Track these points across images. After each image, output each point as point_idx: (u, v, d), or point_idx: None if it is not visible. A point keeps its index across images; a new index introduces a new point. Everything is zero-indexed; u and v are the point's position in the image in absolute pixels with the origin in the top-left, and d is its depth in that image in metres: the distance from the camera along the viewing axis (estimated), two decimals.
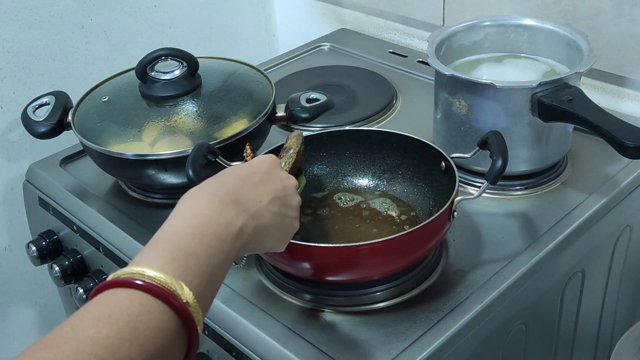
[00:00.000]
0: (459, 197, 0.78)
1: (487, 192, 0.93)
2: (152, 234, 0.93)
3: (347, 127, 1.10)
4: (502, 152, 0.77)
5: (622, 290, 1.08)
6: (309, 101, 1.01)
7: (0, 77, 1.20)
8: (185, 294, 0.50)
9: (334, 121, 1.12)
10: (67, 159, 1.13)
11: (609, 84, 1.12)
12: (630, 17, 1.05)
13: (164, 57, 0.99)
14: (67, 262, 1.05)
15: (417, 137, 0.90)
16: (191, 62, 0.99)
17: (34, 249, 1.08)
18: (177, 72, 0.98)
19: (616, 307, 1.10)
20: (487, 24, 1.05)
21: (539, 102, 0.88)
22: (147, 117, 0.97)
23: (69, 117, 1.01)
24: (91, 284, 0.99)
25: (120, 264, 0.95)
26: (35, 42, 1.23)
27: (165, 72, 0.98)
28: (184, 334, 0.51)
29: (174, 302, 0.49)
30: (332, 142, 0.94)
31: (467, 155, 0.86)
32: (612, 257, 1.01)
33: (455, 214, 0.79)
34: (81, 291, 0.99)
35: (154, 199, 1.01)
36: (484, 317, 0.78)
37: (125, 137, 0.95)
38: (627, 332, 0.88)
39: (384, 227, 0.88)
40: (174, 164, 0.92)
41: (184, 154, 0.90)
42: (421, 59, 1.31)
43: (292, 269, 0.80)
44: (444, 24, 1.31)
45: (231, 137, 0.93)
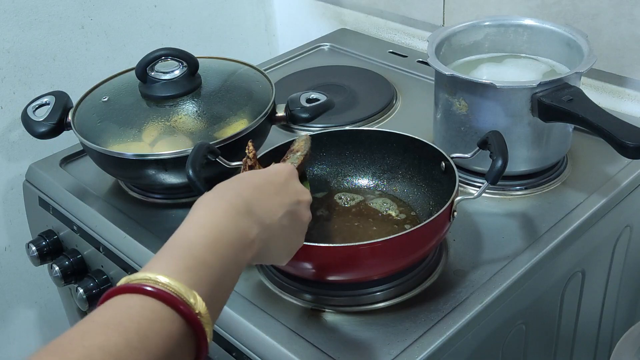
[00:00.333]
0: (459, 197, 0.78)
1: (487, 192, 0.92)
2: (152, 234, 0.94)
3: (347, 127, 1.10)
4: (502, 152, 0.77)
5: (622, 290, 1.08)
6: (309, 101, 1.01)
7: (0, 77, 1.20)
8: (198, 305, 0.50)
9: (334, 121, 1.12)
10: (67, 159, 1.13)
11: (609, 84, 1.12)
12: (630, 17, 1.05)
13: (164, 57, 0.99)
14: (67, 262, 1.05)
15: (417, 137, 0.90)
16: (191, 62, 0.99)
17: (34, 249, 1.08)
18: (177, 72, 0.98)
19: (616, 307, 1.10)
20: (487, 24, 1.05)
21: (539, 102, 0.88)
22: (147, 117, 0.97)
23: (69, 117, 1.01)
24: (91, 284, 0.99)
25: (120, 264, 0.95)
26: (35, 42, 1.23)
27: (165, 72, 0.98)
28: (193, 344, 0.50)
29: (186, 311, 0.49)
30: (332, 142, 0.94)
31: (467, 155, 0.86)
32: (612, 257, 1.01)
33: (455, 214, 0.79)
34: (81, 291, 0.99)
35: (154, 199, 1.01)
36: (484, 317, 0.78)
37: (125, 137, 0.95)
38: (627, 332, 0.88)
39: (383, 227, 0.88)
40: (174, 164, 0.92)
41: (184, 154, 0.90)
42: (421, 59, 1.31)
43: (292, 269, 0.80)
44: (444, 24, 1.31)
45: (231, 137, 0.93)
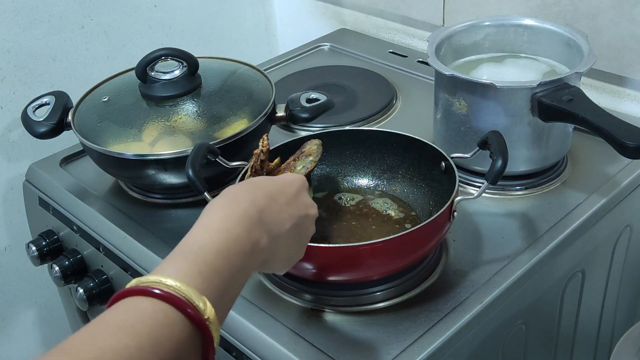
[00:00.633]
0: (459, 197, 0.78)
1: (487, 192, 0.92)
2: (152, 234, 0.94)
3: (347, 127, 1.10)
4: (502, 152, 0.77)
5: (622, 290, 1.08)
6: (309, 101, 1.01)
7: (0, 77, 1.20)
8: (207, 310, 0.50)
9: (334, 121, 1.12)
10: (67, 159, 1.13)
11: (609, 84, 1.12)
12: (630, 17, 1.05)
13: (164, 57, 0.99)
14: (67, 262, 1.05)
15: (417, 137, 0.90)
16: (191, 62, 0.99)
17: (34, 249, 1.08)
18: (177, 72, 0.98)
19: (616, 307, 1.10)
20: (487, 24, 1.05)
21: (539, 102, 0.88)
22: (147, 117, 0.97)
23: (69, 117, 1.01)
24: (91, 284, 0.99)
25: (120, 264, 0.95)
26: (35, 42, 1.23)
27: (165, 72, 0.98)
28: (200, 349, 0.50)
29: (196, 317, 0.49)
30: (332, 142, 0.94)
31: (467, 155, 0.86)
32: (612, 257, 1.01)
33: (455, 214, 0.79)
34: (81, 291, 0.99)
35: (154, 199, 1.01)
36: (484, 317, 0.78)
37: (125, 137, 0.95)
38: (627, 332, 0.88)
39: (384, 227, 0.88)
40: (174, 164, 0.92)
41: (184, 154, 0.90)
42: (421, 59, 1.31)
43: (292, 269, 0.79)
44: (444, 24, 1.31)
45: (231, 137, 0.93)
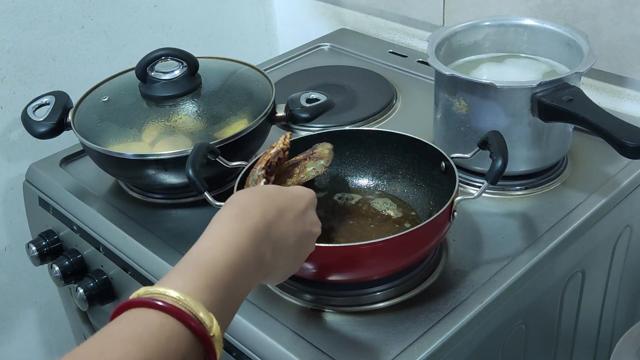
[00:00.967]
0: (459, 197, 0.78)
1: (487, 192, 0.93)
2: (152, 234, 0.94)
3: (347, 127, 1.10)
4: (502, 152, 0.77)
5: (622, 290, 1.08)
6: (309, 101, 1.01)
7: (0, 77, 1.20)
8: (214, 328, 0.50)
9: (334, 121, 1.12)
10: (67, 159, 1.13)
11: (609, 84, 1.12)
12: (630, 17, 1.05)
13: (164, 57, 0.99)
14: (67, 262, 1.05)
15: (417, 137, 0.90)
16: (191, 62, 0.99)
17: (34, 249, 1.08)
18: (177, 72, 0.98)
19: (616, 307, 1.10)
20: (487, 24, 1.05)
21: (539, 102, 0.88)
22: (147, 117, 0.97)
23: (69, 117, 1.01)
24: (91, 284, 0.99)
25: (120, 264, 0.95)
26: (35, 42, 1.23)
27: (165, 72, 0.98)
28: None
29: (201, 333, 0.49)
30: (332, 142, 0.93)
31: (467, 155, 0.86)
32: (612, 257, 1.01)
33: (455, 214, 0.79)
34: (81, 291, 0.99)
35: (154, 199, 1.01)
36: (484, 317, 0.78)
37: (125, 137, 0.95)
38: (627, 332, 0.88)
39: (383, 227, 0.88)
40: (174, 164, 0.92)
41: (184, 154, 0.90)
42: (421, 59, 1.31)
43: None
44: (444, 24, 1.31)
45: (231, 137, 0.93)
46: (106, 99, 1.02)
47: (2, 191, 1.26)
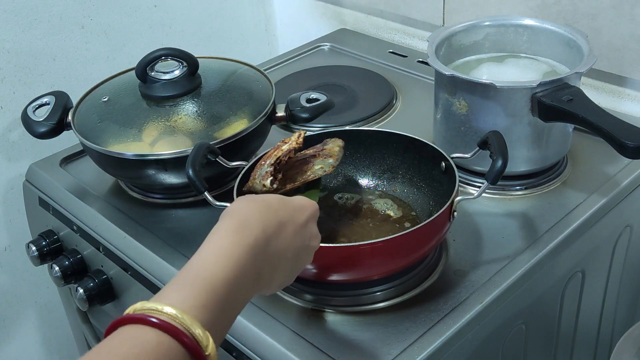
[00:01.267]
0: (459, 197, 0.78)
1: (487, 192, 0.93)
2: (152, 234, 0.94)
3: (347, 127, 1.10)
4: (502, 152, 0.77)
5: (622, 290, 1.08)
6: (309, 101, 1.01)
7: (0, 77, 1.20)
8: (210, 347, 0.50)
9: (334, 121, 1.12)
10: (67, 159, 1.13)
11: (609, 84, 1.12)
12: (630, 17, 1.05)
13: (164, 57, 0.99)
14: (67, 262, 1.05)
15: (417, 137, 0.90)
16: (191, 62, 0.99)
17: (34, 249, 1.08)
18: (177, 72, 0.98)
19: (616, 307, 1.10)
20: (487, 24, 1.05)
21: (539, 102, 0.88)
22: (147, 117, 0.97)
23: (69, 117, 1.01)
24: (91, 284, 0.99)
25: (120, 264, 0.95)
26: (35, 42, 1.23)
27: (165, 72, 0.98)
28: None
29: (194, 349, 0.49)
30: None
31: (467, 155, 0.86)
32: (612, 257, 1.01)
33: (455, 214, 0.79)
34: (81, 291, 0.99)
35: (154, 199, 1.01)
36: (484, 317, 0.78)
37: (125, 137, 0.95)
38: (627, 332, 0.88)
39: (383, 227, 0.88)
40: (174, 164, 0.92)
41: (184, 154, 0.90)
42: (421, 59, 1.31)
43: None
44: (444, 24, 1.31)
45: (231, 137, 0.93)
46: (106, 99, 1.02)
47: (2, 191, 1.26)
